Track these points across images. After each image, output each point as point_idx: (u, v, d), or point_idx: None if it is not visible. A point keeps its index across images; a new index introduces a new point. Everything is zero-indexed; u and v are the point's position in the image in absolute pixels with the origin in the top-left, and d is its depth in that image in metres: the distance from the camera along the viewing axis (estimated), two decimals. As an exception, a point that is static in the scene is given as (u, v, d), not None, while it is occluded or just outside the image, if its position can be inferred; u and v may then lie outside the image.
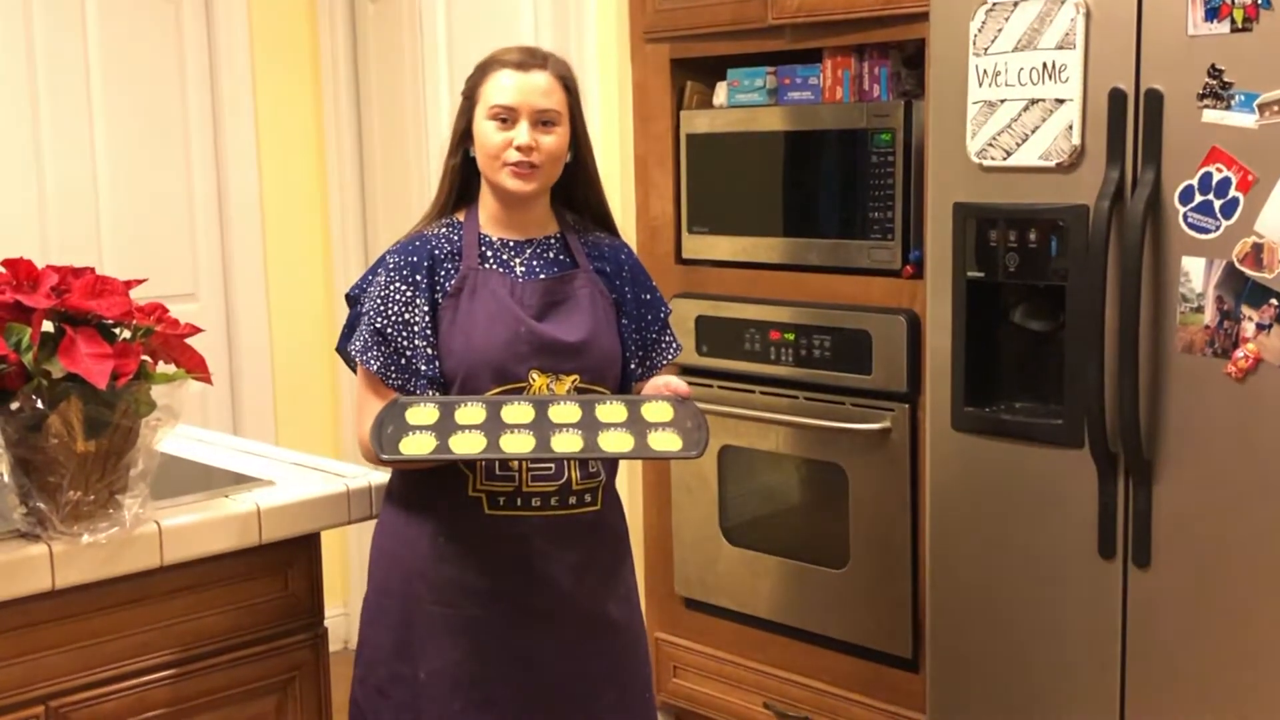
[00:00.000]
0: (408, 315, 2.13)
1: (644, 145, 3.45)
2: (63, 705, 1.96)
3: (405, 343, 2.13)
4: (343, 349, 2.22)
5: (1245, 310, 2.20)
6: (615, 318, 2.24)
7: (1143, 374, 2.32)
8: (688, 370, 3.30)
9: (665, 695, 3.58)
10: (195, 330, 2.00)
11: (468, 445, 1.98)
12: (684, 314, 3.33)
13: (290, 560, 2.19)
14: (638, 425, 2.05)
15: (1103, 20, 2.32)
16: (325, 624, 2.26)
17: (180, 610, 2.07)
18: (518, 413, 2.04)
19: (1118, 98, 2.31)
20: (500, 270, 2.17)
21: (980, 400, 2.59)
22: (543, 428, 2.02)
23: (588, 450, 2.01)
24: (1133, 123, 2.30)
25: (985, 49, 2.47)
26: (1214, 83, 2.20)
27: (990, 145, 2.48)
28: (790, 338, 3.15)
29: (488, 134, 2.14)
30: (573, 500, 2.16)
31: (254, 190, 4.13)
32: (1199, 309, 2.25)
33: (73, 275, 1.91)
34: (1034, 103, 2.41)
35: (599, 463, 2.19)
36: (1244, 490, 2.24)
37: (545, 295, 2.17)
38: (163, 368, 1.97)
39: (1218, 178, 2.21)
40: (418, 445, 1.99)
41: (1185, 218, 2.26)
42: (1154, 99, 2.27)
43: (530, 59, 2.16)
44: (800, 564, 3.22)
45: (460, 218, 2.23)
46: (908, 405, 2.96)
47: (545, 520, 2.14)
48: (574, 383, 2.16)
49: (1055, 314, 2.49)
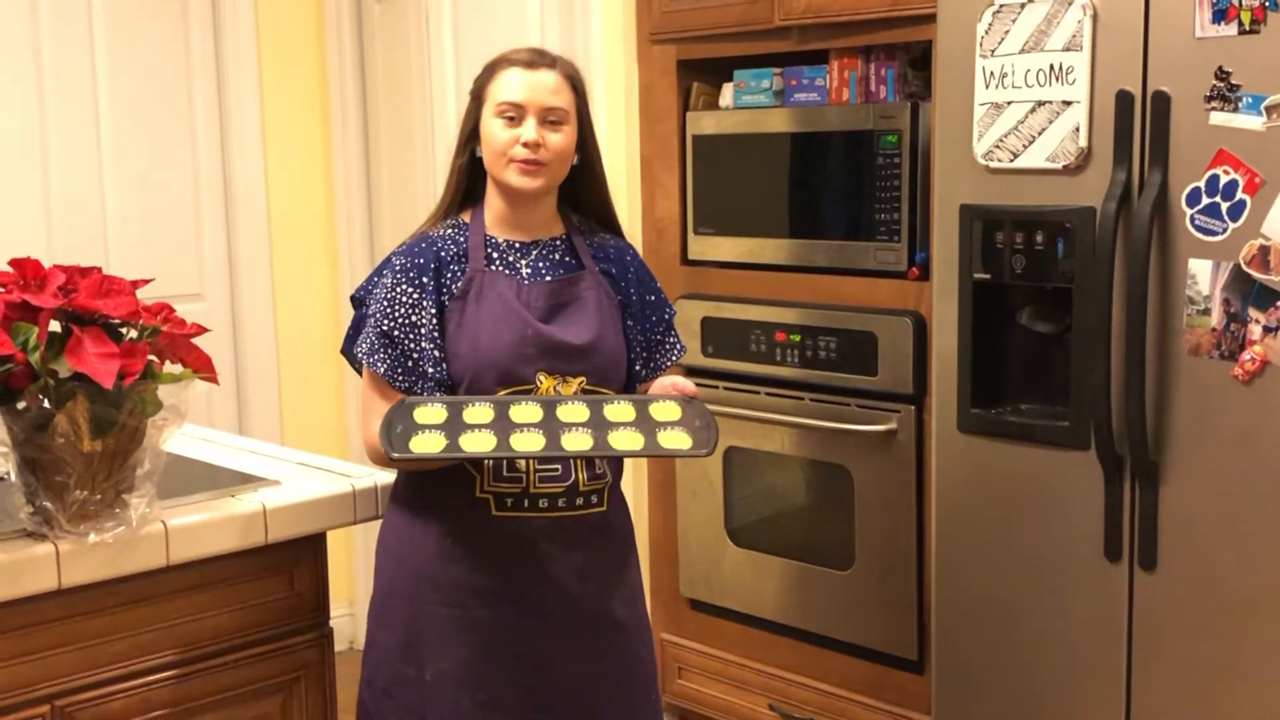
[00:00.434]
0: (414, 317, 2.13)
1: (650, 146, 3.45)
2: (68, 704, 1.96)
3: (412, 345, 2.13)
4: (348, 351, 2.22)
5: (1252, 313, 2.19)
6: (621, 319, 2.24)
7: (1149, 376, 2.31)
8: (693, 371, 3.30)
9: (670, 696, 3.58)
10: (201, 330, 2.00)
11: (478, 444, 1.98)
12: (689, 315, 3.33)
13: (296, 560, 2.19)
14: (647, 424, 2.05)
15: (1110, 22, 2.32)
16: (330, 624, 2.26)
17: (186, 610, 2.07)
18: (526, 412, 2.04)
19: (1125, 100, 2.31)
20: (506, 272, 2.17)
21: (986, 402, 2.59)
22: (552, 427, 2.01)
23: (598, 448, 2.00)
24: (1140, 125, 2.30)
25: (992, 50, 2.47)
26: (1221, 85, 2.19)
27: (997, 147, 2.48)
28: (796, 339, 3.14)
29: (495, 131, 2.14)
30: (580, 501, 2.16)
31: (260, 190, 4.14)
32: (1206, 311, 2.25)
33: (79, 275, 1.91)
34: (1041, 104, 2.41)
35: (605, 464, 2.19)
36: (1250, 492, 2.24)
37: (551, 297, 2.17)
38: (169, 367, 1.97)
39: (1225, 180, 2.21)
40: (428, 444, 1.99)
41: (1192, 220, 2.25)
42: (1161, 101, 2.26)
43: (539, 58, 2.17)
44: (805, 565, 3.22)
45: (466, 219, 2.23)
46: (913, 407, 2.95)
47: (552, 521, 2.14)
48: (580, 384, 2.16)
49: (1061, 316, 2.49)
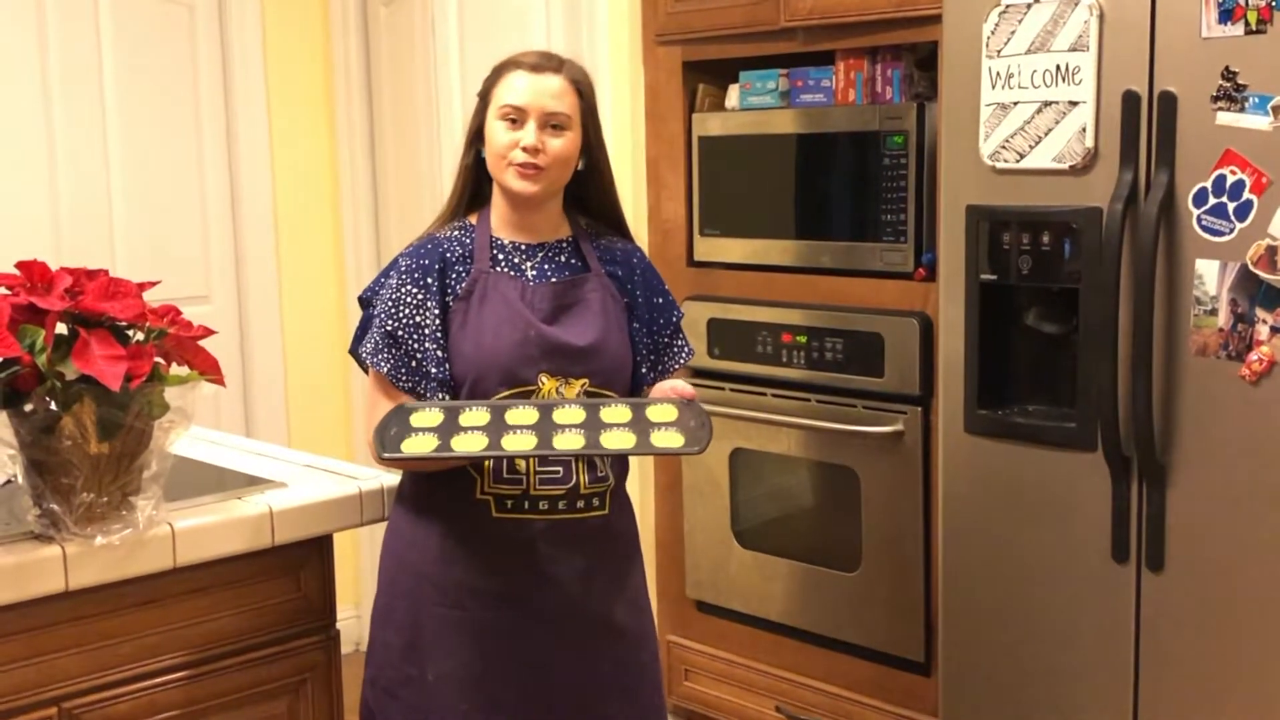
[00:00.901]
0: (418, 318, 2.13)
1: (656, 148, 3.45)
2: (75, 707, 1.97)
3: (416, 345, 2.13)
4: (355, 351, 2.23)
5: (1259, 313, 2.19)
6: (627, 321, 2.24)
7: (1156, 377, 2.31)
8: (700, 373, 3.30)
9: (676, 699, 3.58)
10: (208, 332, 2.00)
11: (469, 444, 1.98)
12: (696, 317, 3.33)
13: (302, 562, 2.19)
14: (641, 425, 2.05)
15: (1116, 22, 2.32)
16: (337, 626, 2.26)
17: (193, 612, 2.07)
18: (522, 415, 2.04)
19: (1131, 100, 2.31)
20: (511, 273, 2.18)
21: (993, 403, 2.58)
22: (545, 428, 2.01)
23: (589, 447, 2.00)
24: (1146, 125, 2.30)
25: (998, 51, 2.47)
26: (1228, 85, 2.19)
27: (1003, 147, 2.47)
28: (802, 340, 3.14)
29: (496, 133, 2.15)
30: (581, 504, 2.16)
31: (267, 192, 4.14)
32: (1213, 312, 2.24)
33: (86, 277, 1.91)
34: (1047, 105, 2.41)
35: (607, 467, 2.19)
36: (1258, 493, 2.23)
37: (556, 298, 2.17)
38: (176, 370, 1.97)
39: (1231, 180, 2.20)
40: (419, 445, 1.99)
41: (1199, 220, 2.25)
42: (1168, 101, 2.26)
43: (545, 62, 2.16)
44: (812, 567, 3.21)
45: (473, 220, 2.24)
46: (920, 408, 2.95)
47: (553, 524, 2.14)
48: (583, 386, 2.16)
49: (1068, 317, 2.49)
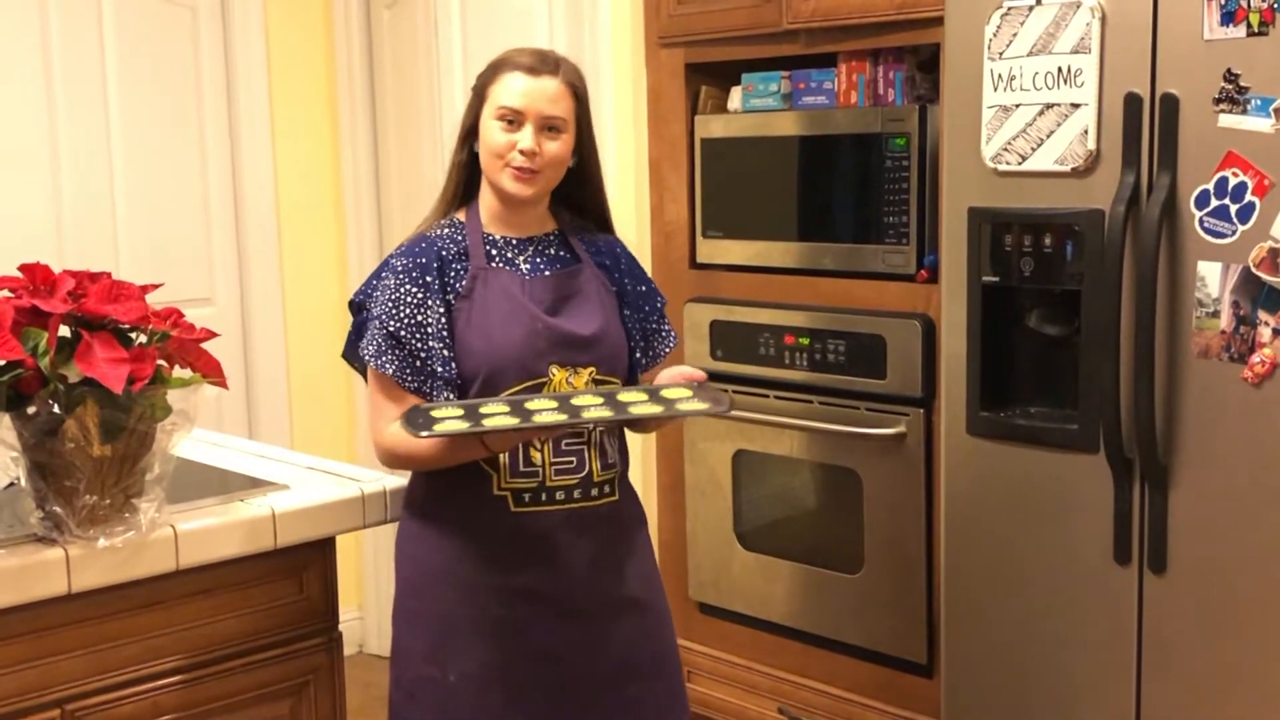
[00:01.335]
0: (420, 317, 2.13)
1: (658, 150, 3.45)
2: (78, 709, 1.97)
3: (419, 345, 2.13)
4: (349, 355, 2.23)
5: (1262, 315, 2.19)
6: (619, 309, 2.27)
7: (1158, 379, 2.31)
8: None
9: (679, 700, 3.58)
10: (211, 335, 2.00)
11: (500, 421, 1.99)
12: (698, 319, 3.33)
13: (305, 564, 2.19)
14: (661, 399, 2.09)
15: (1118, 24, 2.32)
16: (340, 628, 2.27)
17: (195, 614, 2.07)
18: (543, 403, 2.06)
19: (1133, 102, 2.31)
20: (507, 269, 2.19)
21: (995, 405, 2.58)
22: (570, 408, 2.04)
23: (618, 415, 2.03)
24: (1148, 127, 2.30)
25: (1000, 53, 2.47)
26: (1230, 87, 2.19)
27: (1005, 150, 2.47)
28: (805, 342, 3.14)
29: (493, 133, 2.15)
30: (594, 492, 2.18)
31: (270, 195, 4.15)
32: (1215, 314, 2.24)
33: (89, 280, 1.92)
34: (1049, 107, 2.41)
35: (616, 453, 2.22)
36: (1260, 495, 2.23)
37: (555, 290, 2.19)
38: (178, 372, 1.97)
39: (1234, 182, 2.20)
40: (452, 426, 2.00)
41: (1201, 222, 2.25)
42: (1170, 103, 2.26)
43: (542, 64, 2.16)
44: (814, 569, 3.21)
45: (461, 217, 2.24)
46: (922, 410, 2.95)
47: (569, 513, 2.16)
48: (591, 374, 2.18)
49: (1070, 319, 2.48)
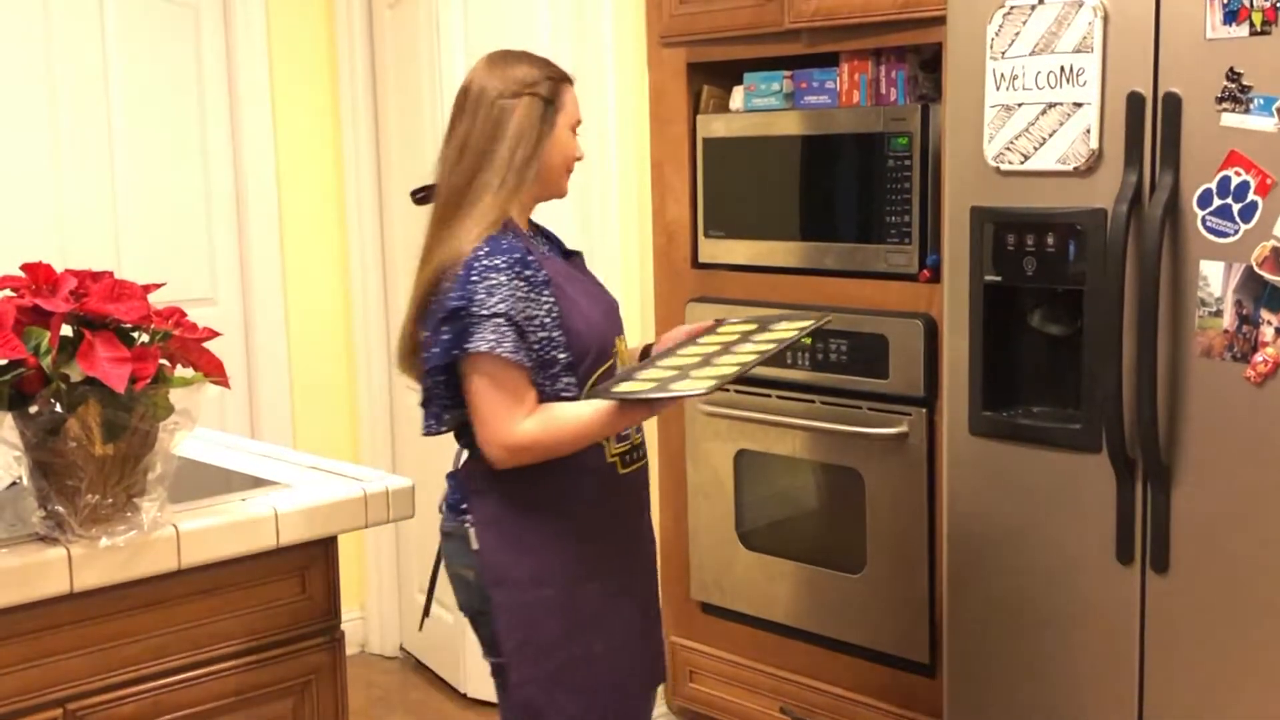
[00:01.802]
0: (531, 311, 2.18)
1: (660, 149, 3.45)
2: (80, 708, 1.97)
3: (543, 334, 2.19)
4: (445, 361, 2.17)
5: (1265, 314, 2.19)
6: None
7: (1161, 378, 2.31)
8: (704, 374, 3.30)
9: (681, 700, 3.58)
10: (213, 334, 2.00)
11: (724, 369, 2.12)
12: (700, 319, 3.31)
13: (307, 564, 2.19)
14: (772, 328, 2.34)
15: (1120, 23, 2.32)
16: (342, 628, 2.27)
17: (197, 613, 2.07)
18: (681, 358, 2.22)
19: (1136, 101, 2.30)
20: (551, 257, 2.32)
21: (998, 405, 2.58)
22: (716, 352, 2.21)
23: (780, 345, 2.21)
24: (1151, 126, 2.30)
25: (1002, 53, 2.46)
26: (1233, 86, 2.19)
27: (1008, 149, 2.47)
28: (806, 342, 3.14)
29: (569, 142, 2.31)
30: (644, 452, 2.39)
31: (272, 194, 4.14)
32: (1218, 313, 2.24)
33: (91, 279, 1.92)
34: (1051, 106, 2.40)
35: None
36: (1263, 495, 2.23)
37: (579, 271, 2.37)
38: (180, 371, 1.97)
39: (1236, 181, 2.20)
40: (637, 386, 2.11)
41: (1204, 221, 2.25)
42: (1172, 102, 2.26)
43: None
44: (817, 569, 3.21)
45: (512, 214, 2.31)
46: (925, 409, 2.95)
47: (642, 468, 2.38)
48: (622, 340, 2.37)
49: (1073, 318, 2.48)
